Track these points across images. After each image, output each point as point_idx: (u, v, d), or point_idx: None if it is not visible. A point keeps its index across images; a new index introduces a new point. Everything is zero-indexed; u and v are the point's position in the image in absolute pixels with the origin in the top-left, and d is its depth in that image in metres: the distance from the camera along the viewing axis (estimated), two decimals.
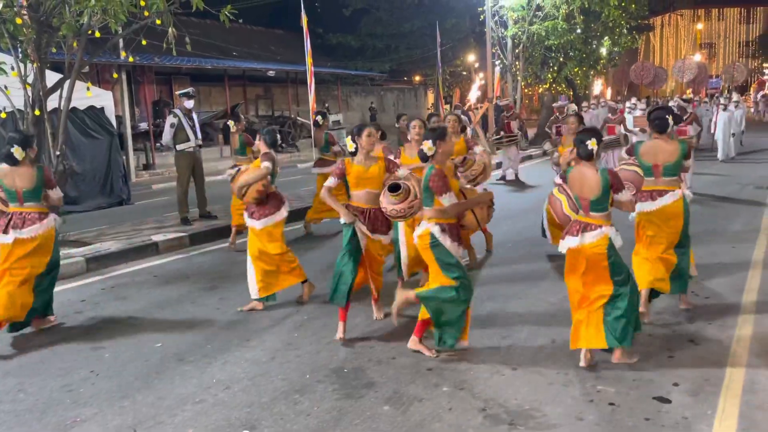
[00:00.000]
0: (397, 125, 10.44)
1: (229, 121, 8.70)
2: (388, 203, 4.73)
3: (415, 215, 5.03)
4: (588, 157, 4.31)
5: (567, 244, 4.34)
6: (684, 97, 24.53)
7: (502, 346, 4.80)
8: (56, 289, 5.72)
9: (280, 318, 5.62)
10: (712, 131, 17.05)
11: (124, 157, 14.55)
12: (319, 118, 9.33)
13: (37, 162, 5.70)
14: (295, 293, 6.23)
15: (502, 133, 14.30)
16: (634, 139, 14.66)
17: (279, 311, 5.77)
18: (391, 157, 5.69)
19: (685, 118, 13.38)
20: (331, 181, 5.06)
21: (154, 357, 4.86)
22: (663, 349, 4.61)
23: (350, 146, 5.03)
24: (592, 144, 4.27)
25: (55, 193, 5.46)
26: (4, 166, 5.27)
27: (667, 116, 5.21)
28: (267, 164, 5.71)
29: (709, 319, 5.20)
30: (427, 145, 4.42)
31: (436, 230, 4.41)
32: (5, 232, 5.24)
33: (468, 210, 4.61)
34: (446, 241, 4.39)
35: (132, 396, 4.20)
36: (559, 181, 5.03)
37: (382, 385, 4.21)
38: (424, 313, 4.60)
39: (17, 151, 5.21)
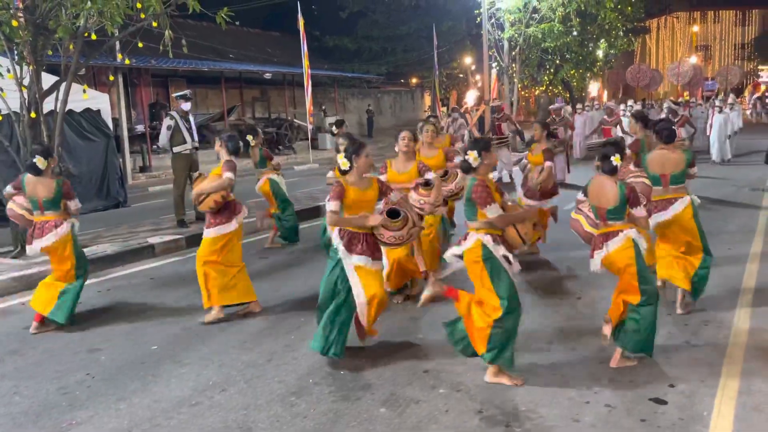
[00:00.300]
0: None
1: (248, 135, 8.59)
2: (385, 230, 4.57)
3: (410, 243, 4.95)
4: (611, 172, 4.36)
5: (597, 259, 4.41)
6: (680, 99, 24.63)
7: None
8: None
9: (277, 320, 5.61)
10: (708, 133, 17.09)
11: (121, 160, 14.50)
12: (333, 128, 9.29)
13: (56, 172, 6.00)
14: (295, 294, 6.23)
15: (495, 135, 14.31)
16: (629, 140, 14.75)
17: (276, 314, 5.76)
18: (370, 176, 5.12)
19: (676, 120, 13.41)
20: (333, 206, 4.55)
21: (151, 359, 4.85)
22: (659, 351, 4.61)
23: (344, 164, 4.61)
24: (616, 160, 4.33)
25: (74, 204, 5.71)
26: (29, 176, 5.56)
27: (673, 127, 5.43)
28: (230, 176, 5.53)
29: (705, 320, 5.23)
30: (473, 156, 4.13)
31: (488, 240, 4.11)
32: (30, 243, 5.59)
33: (512, 224, 4.25)
34: (500, 251, 4.11)
35: (128, 398, 4.19)
36: (580, 197, 5.05)
37: (379, 387, 4.21)
38: (456, 305, 4.36)
39: (40, 161, 5.51)
